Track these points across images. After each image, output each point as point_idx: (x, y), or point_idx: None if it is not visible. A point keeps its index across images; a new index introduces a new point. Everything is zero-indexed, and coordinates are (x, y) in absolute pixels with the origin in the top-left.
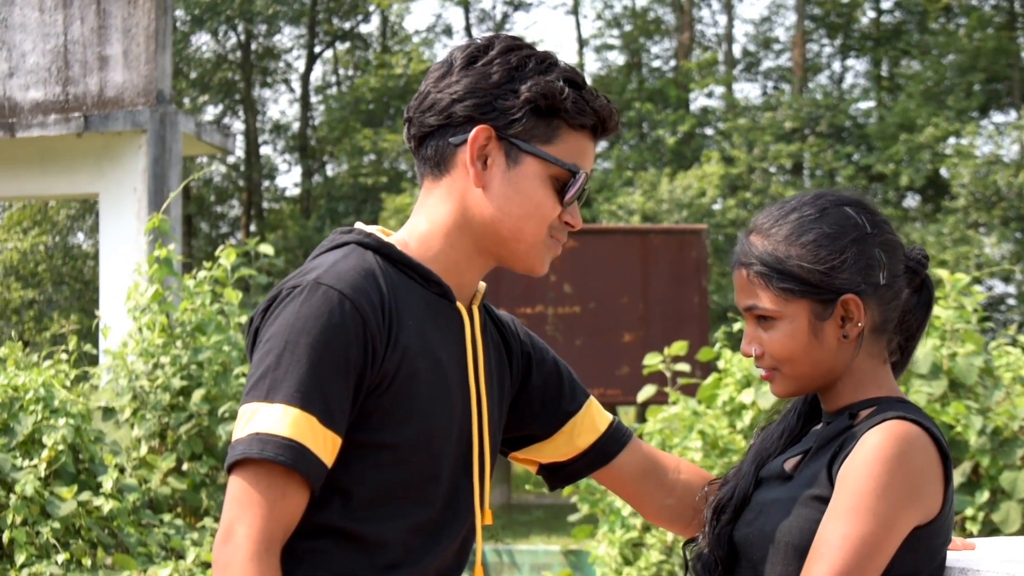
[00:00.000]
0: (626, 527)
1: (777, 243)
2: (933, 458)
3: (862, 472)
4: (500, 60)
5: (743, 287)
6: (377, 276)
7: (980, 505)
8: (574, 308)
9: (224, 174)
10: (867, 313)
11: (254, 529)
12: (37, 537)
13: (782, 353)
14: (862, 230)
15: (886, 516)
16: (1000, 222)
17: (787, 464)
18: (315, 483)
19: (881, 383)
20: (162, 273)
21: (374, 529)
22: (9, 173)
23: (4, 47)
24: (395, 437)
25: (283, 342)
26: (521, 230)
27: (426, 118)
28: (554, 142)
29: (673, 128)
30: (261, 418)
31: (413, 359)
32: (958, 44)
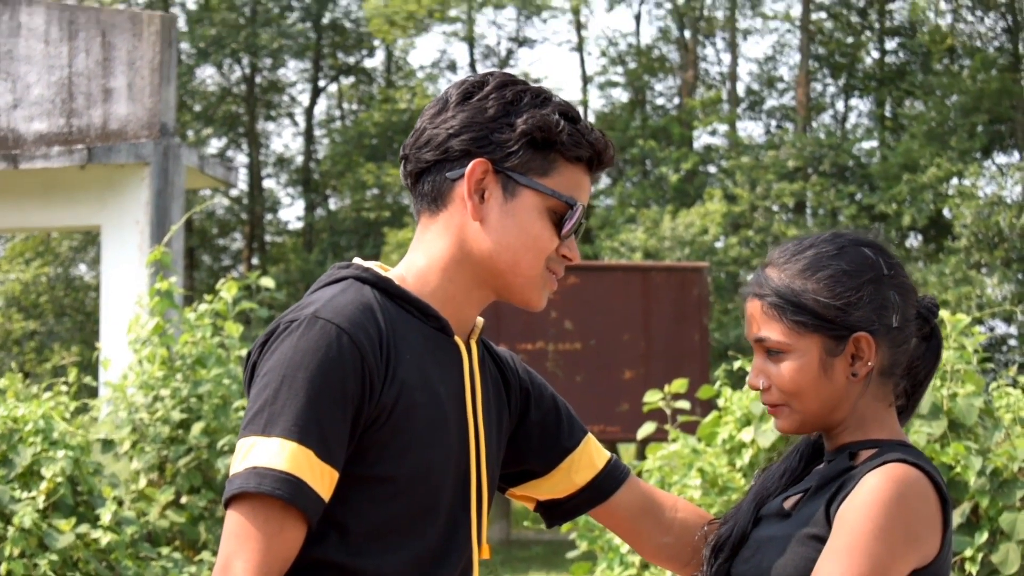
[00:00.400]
0: (624, 564)
1: (793, 276)
2: (932, 502)
3: (860, 513)
4: (496, 95)
5: (755, 318)
6: (375, 310)
7: (979, 546)
8: (575, 344)
9: (227, 207)
10: (877, 353)
11: (252, 564)
12: (35, 569)
13: (790, 387)
14: (879, 271)
15: (882, 558)
16: (1002, 263)
17: (786, 503)
18: (312, 517)
19: (883, 425)
20: (163, 306)
21: (371, 564)
22: (12, 204)
23: (9, 78)
24: (393, 470)
25: (280, 376)
26: (519, 263)
27: (422, 154)
28: (551, 175)
29: (676, 165)
30: (259, 452)
31: (411, 392)
32: (962, 85)
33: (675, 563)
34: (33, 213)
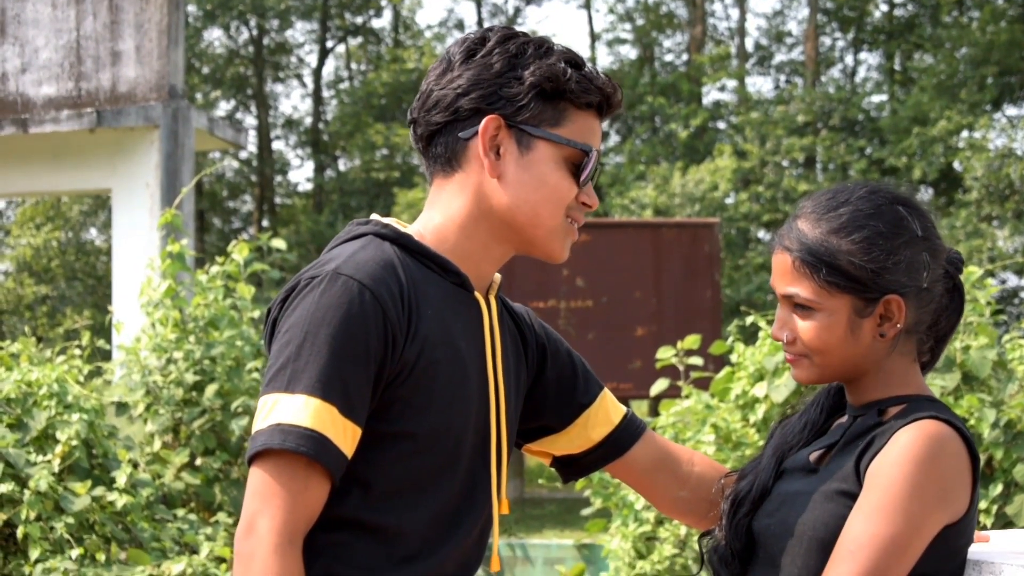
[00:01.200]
0: (639, 521)
1: (828, 234)
2: (964, 459)
3: (894, 471)
4: (499, 50)
5: (785, 272)
6: (396, 266)
7: (993, 498)
8: (586, 302)
9: (236, 169)
10: (909, 313)
11: (277, 521)
12: (51, 532)
13: (816, 344)
14: (914, 233)
15: (917, 516)
16: (1013, 215)
17: (812, 456)
18: (336, 474)
19: (910, 381)
20: (175, 268)
21: (393, 520)
22: (22, 169)
23: (17, 43)
24: (414, 427)
25: (303, 333)
26: (539, 215)
27: (432, 116)
28: (563, 124)
29: (685, 122)
30: (282, 409)
31: (432, 349)
32: (971, 37)
33: (692, 516)
34: (43, 178)
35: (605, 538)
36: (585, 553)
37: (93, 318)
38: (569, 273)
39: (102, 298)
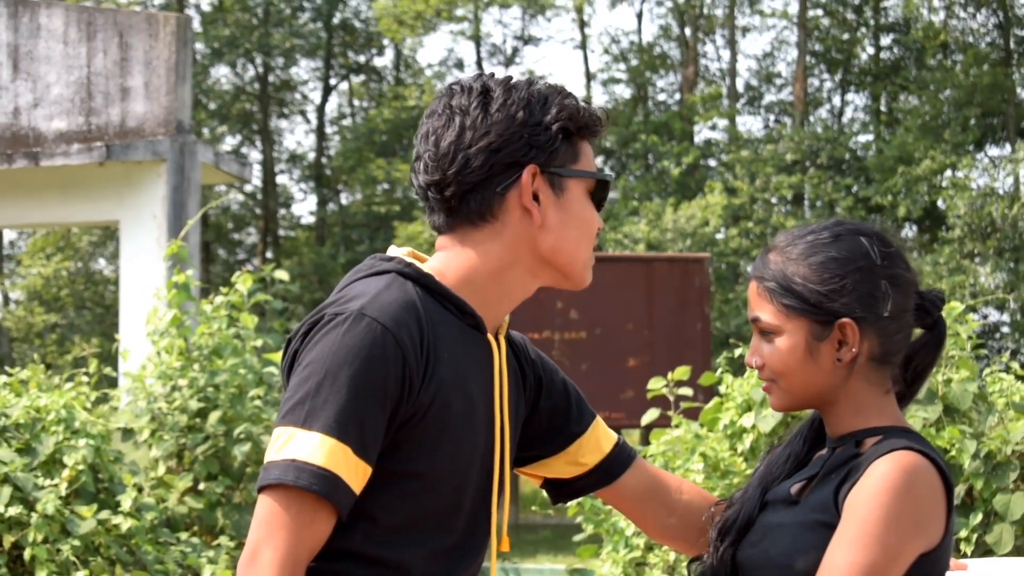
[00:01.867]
0: (629, 547)
1: (787, 261)
2: (938, 489)
3: (871, 501)
4: (511, 99)
5: (753, 299)
6: (418, 308)
7: (974, 527)
8: (580, 334)
9: (241, 202)
10: (864, 341)
11: (280, 553)
12: (57, 555)
13: (778, 367)
14: (871, 260)
15: (892, 546)
16: (994, 252)
17: (793, 488)
18: (344, 511)
19: (883, 411)
20: (180, 298)
21: (395, 554)
22: (33, 201)
23: (29, 78)
24: (423, 467)
25: (324, 370)
26: (579, 251)
27: (466, 176)
28: (579, 158)
29: (677, 159)
30: (298, 444)
31: (446, 392)
32: (955, 80)
33: (680, 543)
34: (53, 209)
35: (596, 563)
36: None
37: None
38: (563, 305)
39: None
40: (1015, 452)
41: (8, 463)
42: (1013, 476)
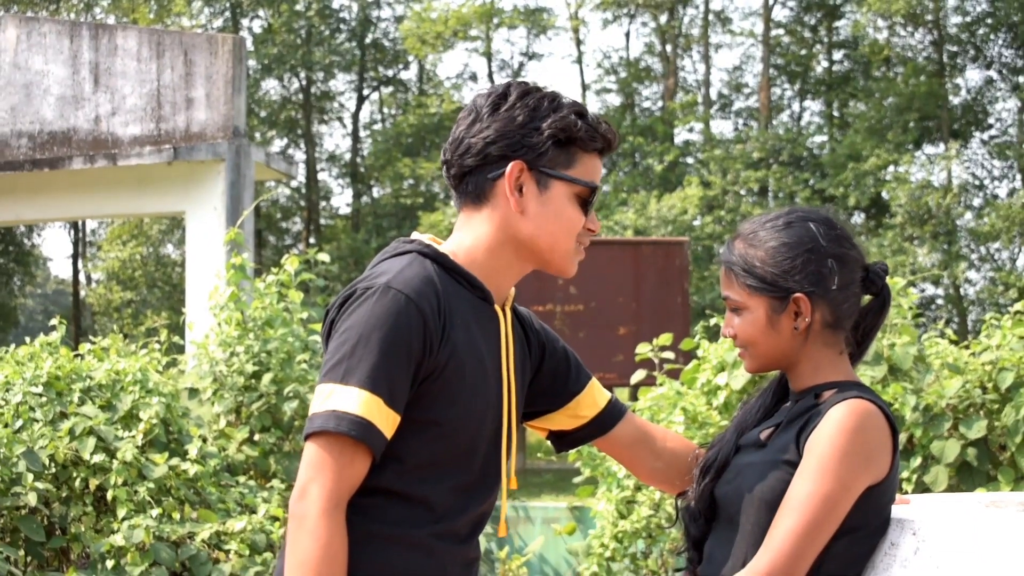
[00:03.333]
0: (621, 487)
1: (748, 247)
2: (885, 431)
3: (827, 441)
4: (520, 104)
5: (724, 280)
6: (435, 282)
7: (914, 469)
8: (578, 306)
9: (288, 196)
10: (816, 311)
11: (326, 489)
12: (135, 495)
13: (746, 337)
14: (818, 243)
15: (845, 478)
16: (930, 236)
17: (762, 434)
18: (377, 453)
19: (838, 369)
20: (237, 277)
21: (419, 491)
22: (111, 195)
23: (108, 91)
24: (441, 416)
25: (358, 335)
26: (557, 242)
27: (464, 160)
28: (573, 165)
29: (660, 158)
30: (338, 398)
31: (460, 353)
32: (896, 89)
33: (665, 484)
34: (129, 202)
35: (593, 502)
36: (576, 514)
37: (169, 319)
38: (563, 282)
39: (177, 302)
40: (949, 405)
41: (93, 418)
42: (947, 426)
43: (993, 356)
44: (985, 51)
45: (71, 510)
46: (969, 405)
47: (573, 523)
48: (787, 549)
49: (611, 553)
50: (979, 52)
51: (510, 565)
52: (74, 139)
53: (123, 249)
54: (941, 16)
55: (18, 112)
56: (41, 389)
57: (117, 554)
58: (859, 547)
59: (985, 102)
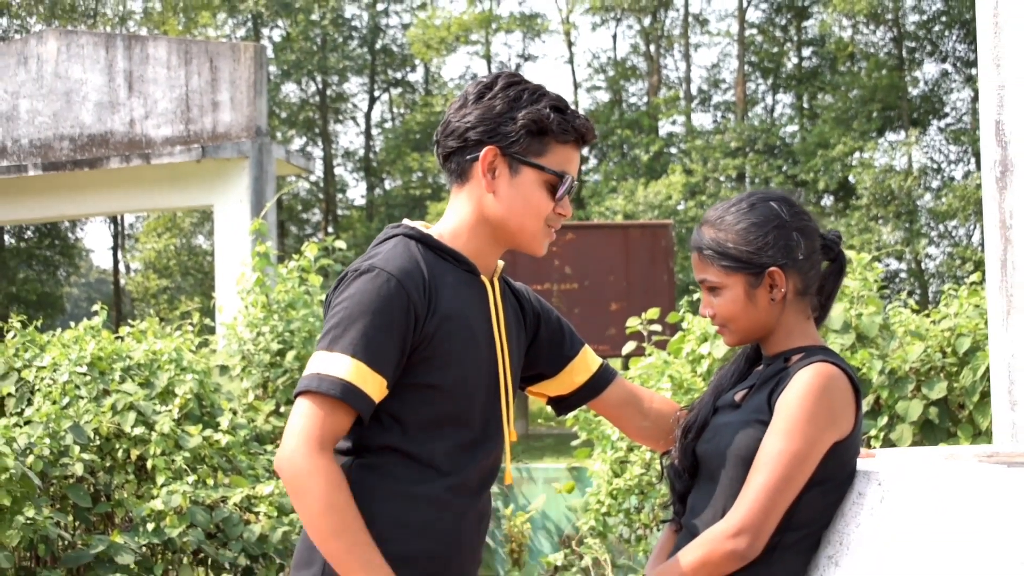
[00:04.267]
0: (615, 449)
1: (719, 231)
2: (848, 392)
3: (795, 402)
4: (502, 94)
5: (698, 265)
6: (419, 260)
7: (881, 427)
8: (573, 285)
9: (307, 189)
10: (789, 281)
11: (309, 434)
12: (172, 464)
13: (726, 314)
14: (782, 219)
15: (812, 435)
16: (894, 215)
17: (737, 396)
18: (362, 410)
19: (805, 334)
20: (262, 264)
21: (423, 449)
22: (146, 191)
23: (141, 96)
24: (437, 380)
25: (346, 310)
26: (524, 224)
27: (448, 141)
28: (545, 155)
29: (646, 148)
30: (323, 362)
31: (449, 322)
32: (860, 82)
33: (652, 441)
34: (162, 197)
35: (589, 463)
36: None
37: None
38: (560, 263)
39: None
40: (912, 369)
41: (133, 394)
42: (910, 387)
43: (952, 323)
44: (941, 46)
45: (114, 478)
46: (930, 368)
47: (572, 482)
48: (760, 501)
49: (607, 509)
50: (935, 47)
51: (515, 521)
52: (111, 141)
53: (158, 240)
54: (900, 15)
55: (60, 117)
56: (85, 369)
57: (157, 517)
58: (828, 497)
59: (941, 93)
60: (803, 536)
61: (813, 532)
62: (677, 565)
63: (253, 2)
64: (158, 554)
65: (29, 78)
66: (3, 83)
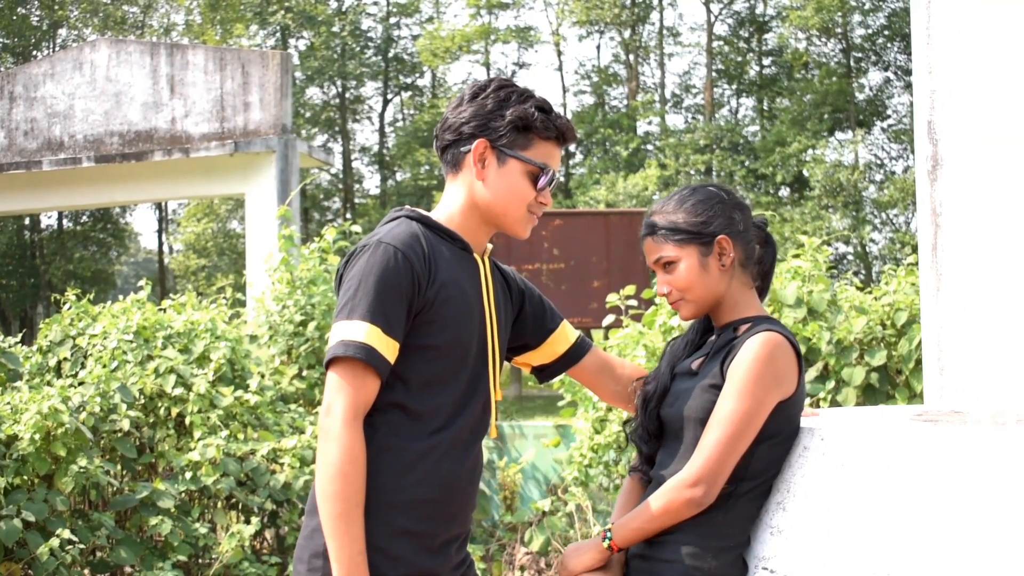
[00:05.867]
0: (596, 409)
1: (668, 214)
2: (791, 356)
3: (744, 367)
4: (493, 95)
5: (651, 249)
6: (419, 236)
7: (828, 391)
8: (560, 264)
9: (328, 180)
10: (735, 248)
11: (346, 404)
12: (208, 421)
13: (683, 284)
14: (722, 197)
15: (760, 396)
16: (842, 205)
17: (694, 365)
18: (381, 372)
19: (751, 305)
20: (287, 246)
21: (423, 404)
22: (186, 181)
23: (182, 97)
24: (436, 341)
25: (358, 280)
26: (508, 209)
27: (445, 135)
28: (530, 149)
29: (626, 146)
30: (345, 330)
31: (446, 290)
32: (813, 88)
33: (623, 403)
34: (200, 187)
35: (574, 421)
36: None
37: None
38: (548, 245)
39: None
40: (856, 339)
41: (173, 359)
42: (854, 356)
43: (891, 300)
44: (884, 57)
45: (157, 433)
46: (872, 339)
47: (558, 438)
48: (715, 455)
49: (588, 461)
50: (879, 58)
51: (508, 472)
52: (155, 137)
53: (197, 225)
54: (848, 29)
55: (110, 116)
56: (132, 337)
57: (194, 467)
58: (776, 450)
59: (884, 97)
60: (756, 485)
61: (765, 481)
62: (643, 511)
63: (281, 15)
64: (195, 499)
65: (84, 81)
66: (61, 86)
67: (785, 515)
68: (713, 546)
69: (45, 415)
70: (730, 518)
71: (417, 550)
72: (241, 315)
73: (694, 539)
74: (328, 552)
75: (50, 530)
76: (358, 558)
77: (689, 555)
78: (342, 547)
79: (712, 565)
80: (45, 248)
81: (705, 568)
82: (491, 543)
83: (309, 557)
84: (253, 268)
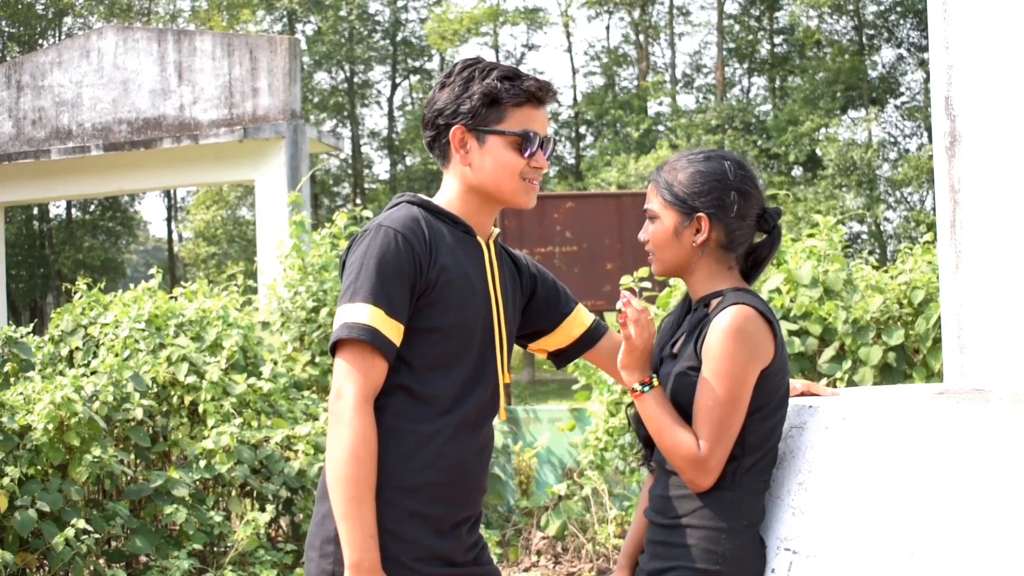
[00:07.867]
0: (611, 392)
1: (672, 171)
2: (762, 326)
3: (715, 346)
4: (458, 78)
5: (648, 194)
6: (420, 220)
7: (845, 370)
8: (573, 247)
9: (337, 165)
10: (713, 231)
11: (356, 388)
12: (221, 408)
13: (655, 242)
14: (726, 177)
15: (738, 373)
16: (856, 184)
17: (675, 348)
18: (387, 354)
19: (724, 279)
20: (298, 232)
21: (429, 387)
22: (196, 168)
23: (190, 84)
24: (440, 323)
25: (360, 264)
26: (500, 184)
27: (426, 132)
28: (504, 120)
29: (637, 126)
30: (348, 312)
31: (448, 272)
32: (825, 66)
33: None
34: (210, 173)
35: (588, 404)
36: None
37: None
38: (561, 228)
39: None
40: (872, 318)
41: (185, 347)
42: (871, 335)
43: (907, 278)
44: (896, 33)
45: (170, 421)
46: (889, 318)
47: (573, 422)
48: (710, 444)
49: (604, 444)
50: (892, 34)
51: (523, 456)
52: (164, 124)
53: (207, 212)
54: (860, 5)
55: (118, 103)
56: (144, 325)
57: (208, 455)
58: (768, 421)
59: (897, 75)
60: (759, 458)
61: (766, 452)
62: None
63: (288, 0)
64: (209, 487)
65: (91, 69)
66: (68, 74)
67: (807, 495)
68: (727, 527)
69: (58, 405)
70: (739, 494)
71: (428, 532)
72: (253, 302)
73: (708, 522)
74: (339, 536)
75: (65, 520)
76: (370, 542)
77: (704, 538)
78: (354, 531)
79: (728, 547)
80: (54, 237)
81: (720, 552)
82: (507, 528)
83: (320, 543)
84: (264, 255)
